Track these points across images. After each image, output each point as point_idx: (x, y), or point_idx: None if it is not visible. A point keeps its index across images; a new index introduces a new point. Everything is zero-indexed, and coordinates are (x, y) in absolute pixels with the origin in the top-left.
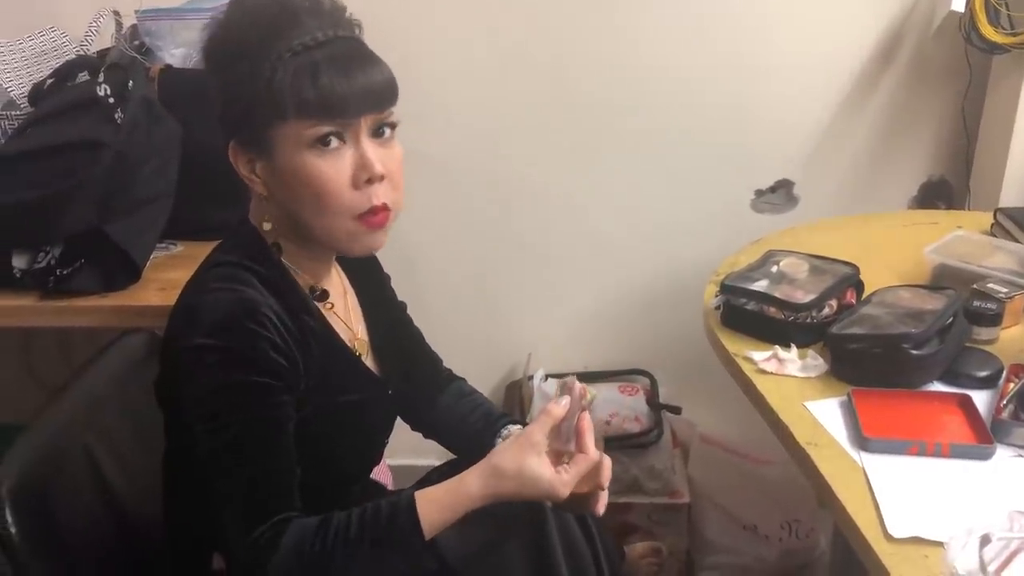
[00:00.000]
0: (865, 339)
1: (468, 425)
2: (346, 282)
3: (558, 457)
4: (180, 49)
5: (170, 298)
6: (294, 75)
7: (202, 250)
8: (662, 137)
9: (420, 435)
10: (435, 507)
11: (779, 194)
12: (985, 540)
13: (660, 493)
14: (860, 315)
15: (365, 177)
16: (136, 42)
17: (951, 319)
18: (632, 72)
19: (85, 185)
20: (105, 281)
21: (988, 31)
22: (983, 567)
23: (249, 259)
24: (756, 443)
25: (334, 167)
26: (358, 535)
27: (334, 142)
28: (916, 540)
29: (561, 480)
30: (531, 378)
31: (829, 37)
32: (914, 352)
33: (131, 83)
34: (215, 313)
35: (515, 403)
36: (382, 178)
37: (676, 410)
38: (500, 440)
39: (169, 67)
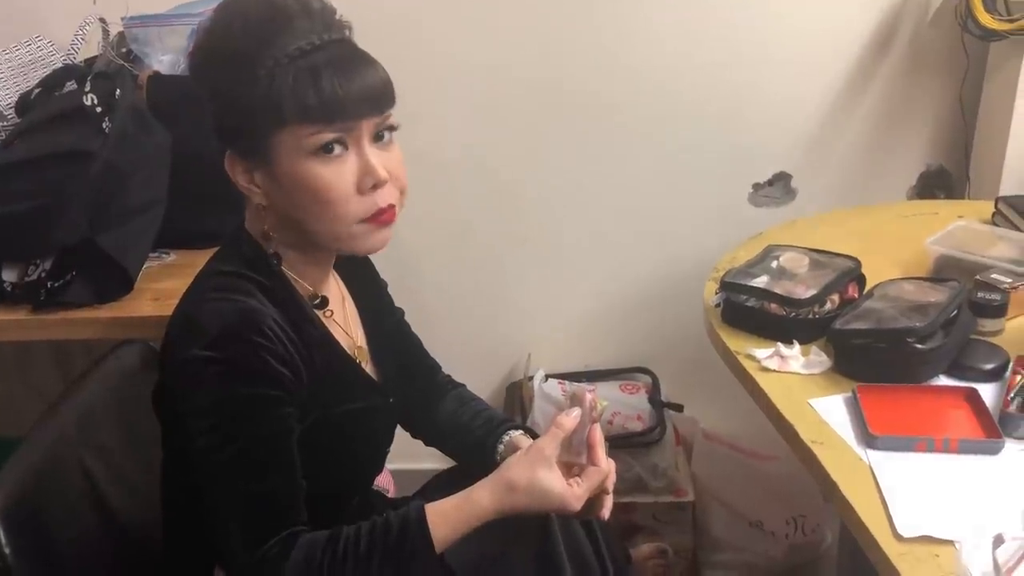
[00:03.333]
0: (869, 334)
1: (469, 432)
2: (344, 288)
3: (568, 469)
4: (168, 55)
5: (164, 308)
6: (294, 80)
7: (196, 258)
8: (658, 133)
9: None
10: (445, 521)
11: (777, 187)
12: (998, 541)
13: (664, 492)
14: (863, 309)
15: (371, 184)
16: (123, 49)
17: (955, 311)
18: (626, 68)
19: (74, 196)
20: (98, 293)
21: (985, 18)
22: (997, 569)
23: (248, 268)
24: (759, 439)
25: (338, 174)
26: (368, 550)
27: (337, 149)
28: (926, 539)
29: (573, 494)
30: (531, 378)
31: (824, 27)
32: (919, 346)
33: (118, 91)
34: (216, 324)
35: (515, 404)
36: (385, 182)
37: (678, 408)
38: (502, 446)
39: (157, 74)
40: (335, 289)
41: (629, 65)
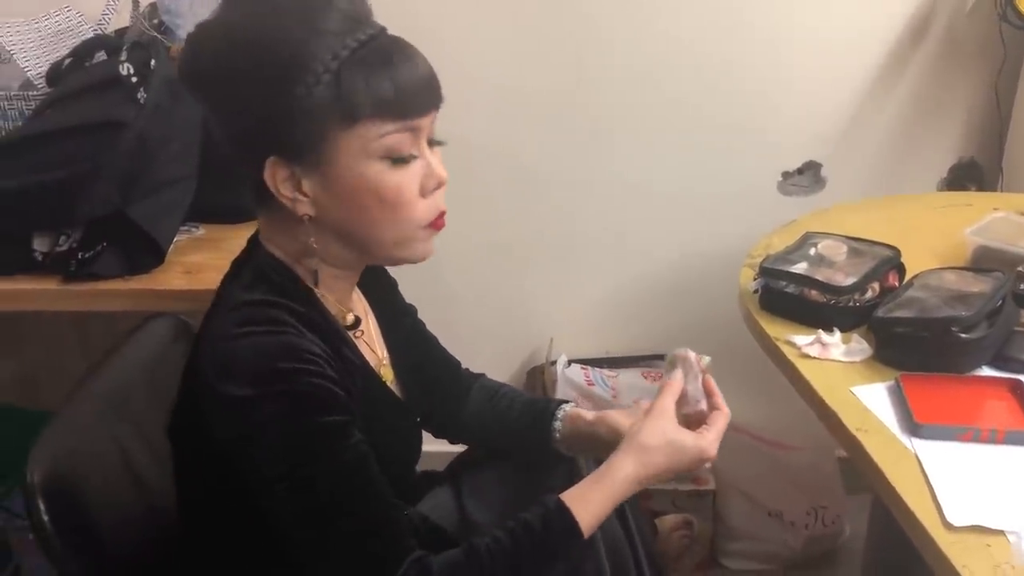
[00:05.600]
0: (912, 323)
1: (510, 421)
2: (365, 302)
3: (687, 424)
4: None
5: (196, 281)
6: (367, 72)
7: (224, 232)
8: (686, 120)
9: None
10: (585, 503)
11: (806, 176)
12: None
13: (684, 479)
14: (905, 298)
15: (434, 185)
16: (155, 20)
17: (1000, 302)
18: (655, 54)
19: (107, 166)
20: (129, 264)
21: None
22: None
23: (278, 294)
24: (781, 429)
25: (407, 177)
26: (514, 552)
27: (409, 156)
28: (976, 529)
29: (706, 440)
30: (554, 363)
31: (860, 15)
32: (963, 336)
33: (153, 62)
34: (260, 361)
35: (537, 388)
36: (445, 183)
37: None
38: (559, 422)
39: None
40: (360, 304)
41: (655, 52)
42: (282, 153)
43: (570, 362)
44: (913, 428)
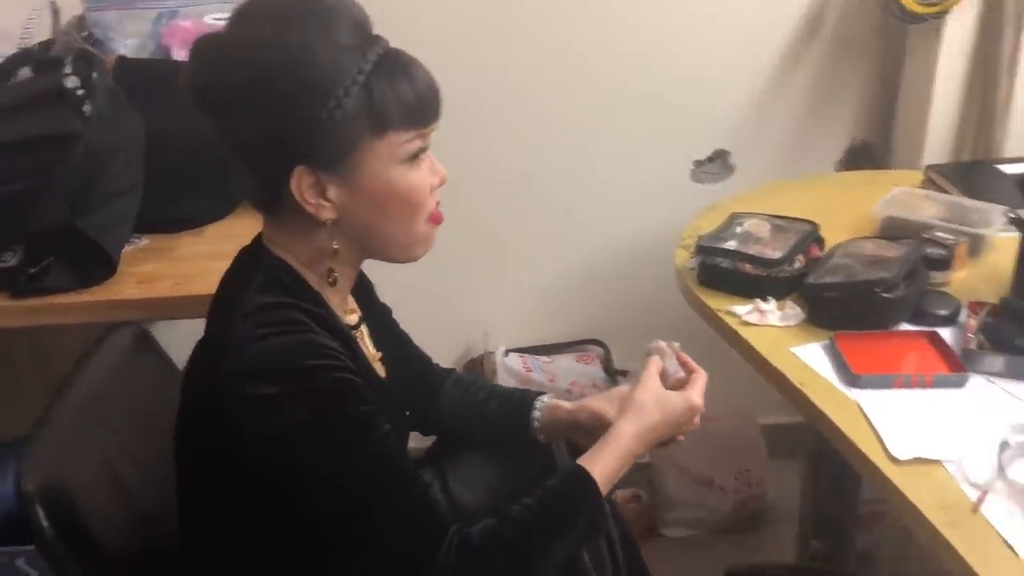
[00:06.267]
0: (840, 287)
1: (488, 412)
2: (354, 303)
3: None
4: (133, 39)
5: (149, 291)
6: (391, 83)
7: (169, 242)
8: (603, 116)
9: None
10: (600, 464)
11: (716, 163)
12: (1004, 446)
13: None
14: (831, 265)
15: (438, 182)
16: (84, 33)
17: (913, 265)
18: (567, 51)
19: (57, 180)
20: (80, 277)
21: (909, 2)
22: (1001, 470)
23: (290, 296)
24: (706, 401)
25: (421, 177)
26: (543, 512)
27: (422, 154)
28: (918, 460)
29: (692, 393)
30: (492, 354)
31: (757, 9)
32: (886, 295)
33: (95, 74)
34: (285, 358)
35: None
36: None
37: (626, 374)
38: (537, 412)
39: (123, 58)
40: (354, 304)
41: (568, 48)
42: (309, 162)
43: (508, 351)
44: (851, 379)
